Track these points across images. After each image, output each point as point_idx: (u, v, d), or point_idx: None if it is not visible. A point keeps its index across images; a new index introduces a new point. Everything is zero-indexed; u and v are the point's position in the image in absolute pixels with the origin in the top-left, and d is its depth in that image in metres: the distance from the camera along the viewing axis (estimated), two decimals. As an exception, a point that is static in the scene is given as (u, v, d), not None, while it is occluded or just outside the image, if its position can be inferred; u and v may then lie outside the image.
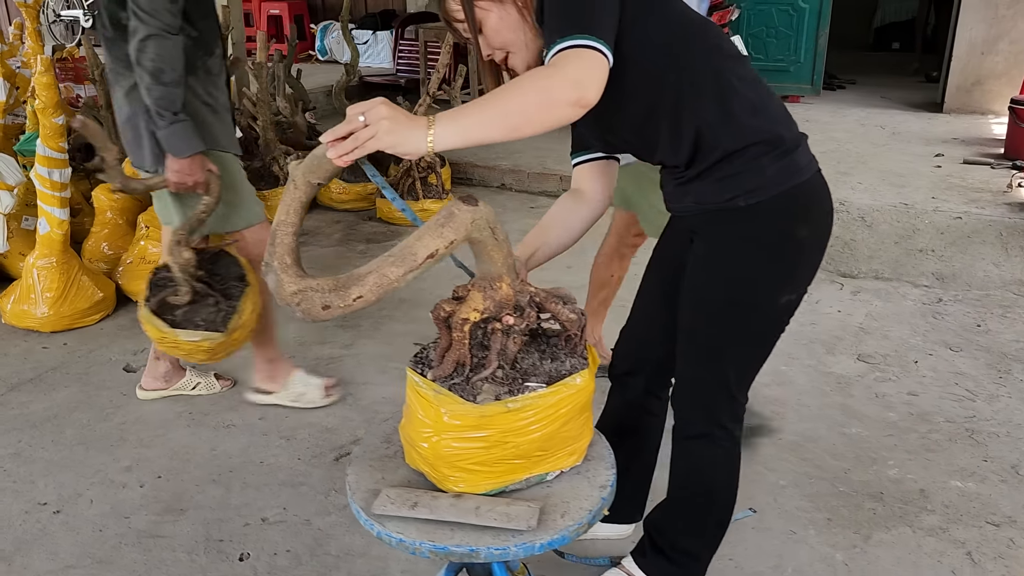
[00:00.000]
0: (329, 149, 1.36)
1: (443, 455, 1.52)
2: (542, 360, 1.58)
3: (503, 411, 1.48)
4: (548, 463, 1.57)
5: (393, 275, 1.36)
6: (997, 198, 4.60)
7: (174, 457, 2.68)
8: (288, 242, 1.49)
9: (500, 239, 1.48)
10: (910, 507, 2.39)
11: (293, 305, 1.41)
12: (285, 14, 8.72)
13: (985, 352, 3.27)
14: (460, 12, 1.53)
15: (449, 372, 1.53)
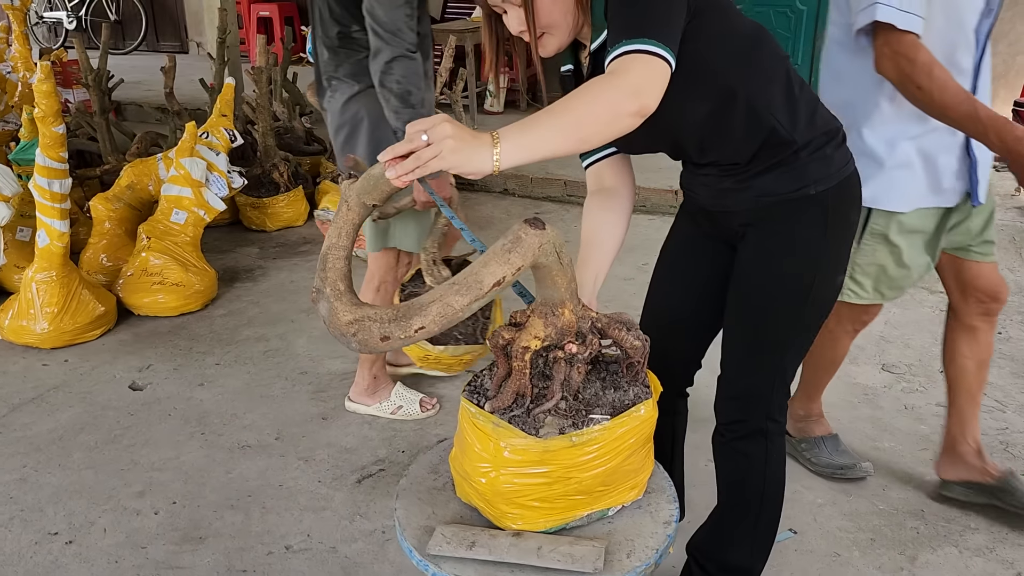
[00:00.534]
0: (388, 169, 1.27)
1: (502, 491, 1.44)
2: (604, 390, 1.51)
3: (567, 445, 1.40)
4: (610, 498, 1.50)
5: (458, 304, 1.27)
6: (1005, 202, 4.58)
7: (188, 481, 2.58)
8: (340, 267, 1.41)
9: (565, 263, 1.40)
10: (953, 525, 2.33)
11: (348, 335, 1.32)
12: (275, 16, 8.59)
13: (1009, 361, 3.22)
14: None
15: (509, 403, 1.45)
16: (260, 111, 4.67)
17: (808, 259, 1.62)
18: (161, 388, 3.13)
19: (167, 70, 4.76)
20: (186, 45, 10.33)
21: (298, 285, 4.05)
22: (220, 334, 3.56)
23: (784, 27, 7.02)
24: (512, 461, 1.41)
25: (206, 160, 3.99)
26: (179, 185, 3.86)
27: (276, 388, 3.11)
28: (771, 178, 1.58)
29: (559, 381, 1.44)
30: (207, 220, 3.94)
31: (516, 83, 7.22)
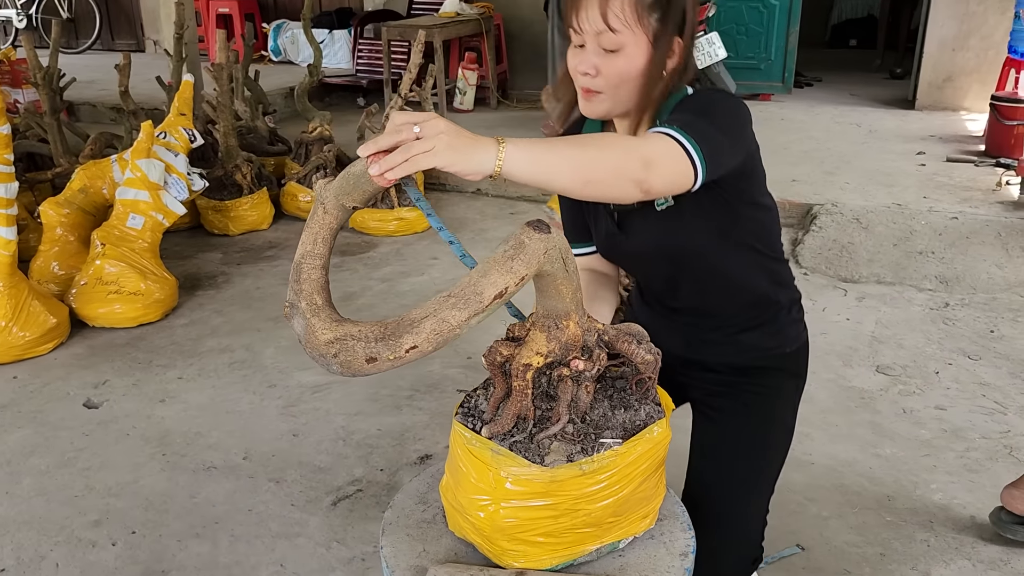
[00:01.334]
0: (371, 164, 1.11)
1: (502, 526, 1.28)
2: (613, 409, 1.35)
3: (577, 474, 1.25)
4: (621, 529, 1.34)
5: (455, 320, 1.11)
6: (988, 197, 4.52)
7: (149, 508, 2.39)
8: (317, 278, 1.24)
9: (570, 270, 1.25)
10: (964, 537, 2.22)
11: (328, 356, 1.16)
12: (235, 12, 8.34)
13: (1005, 360, 3.14)
14: (619, 20, 1.36)
15: (508, 427, 1.29)
16: (221, 110, 4.46)
17: (785, 408, 1.67)
18: (119, 405, 2.92)
19: (122, 68, 4.52)
20: (142, 43, 10.02)
21: (264, 292, 3.85)
22: (182, 346, 3.35)
23: (757, 22, 6.96)
24: (514, 493, 1.26)
25: (164, 161, 3.79)
26: (135, 188, 3.65)
27: (243, 403, 2.92)
28: (756, 335, 1.59)
29: (565, 402, 1.29)
30: (166, 225, 3.74)
31: (486, 80, 7.05)
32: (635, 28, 1.36)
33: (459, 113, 6.91)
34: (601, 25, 1.36)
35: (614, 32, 1.36)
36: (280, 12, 9.01)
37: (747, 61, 6.92)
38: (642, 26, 1.37)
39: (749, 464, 1.64)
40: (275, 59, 8.58)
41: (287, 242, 4.49)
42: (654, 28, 1.38)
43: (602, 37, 1.37)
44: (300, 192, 4.72)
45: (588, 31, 1.38)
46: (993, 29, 6.25)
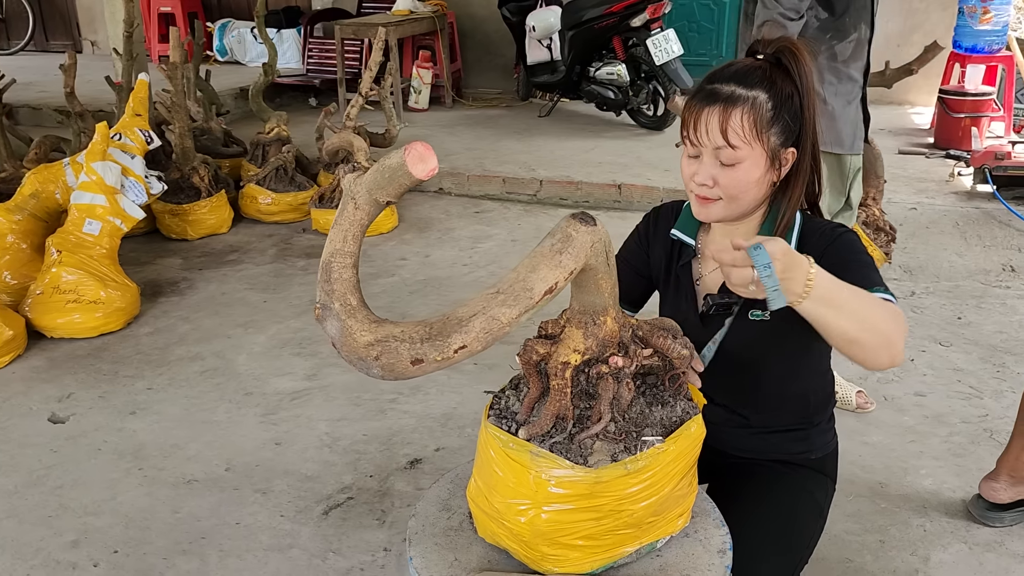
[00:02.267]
0: (408, 154, 1.08)
1: (543, 531, 1.24)
2: (650, 407, 1.32)
3: (622, 474, 1.21)
4: (659, 528, 1.32)
5: (505, 318, 1.07)
6: (942, 188, 4.64)
7: (130, 525, 2.28)
8: (349, 277, 1.18)
9: (611, 264, 1.21)
10: (958, 520, 2.26)
11: (369, 360, 1.10)
12: (178, 11, 8.10)
13: (974, 345, 3.21)
14: (738, 136, 1.38)
15: (548, 428, 1.25)
16: (176, 111, 4.31)
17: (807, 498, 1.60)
18: (86, 419, 2.79)
19: (67, 68, 4.34)
20: (79, 44, 9.66)
21: (231, 297, 3.73)
22: (148, 355, 3.22)
23: (707, 19, 7.04)
24: (557, 496, 1.22)
25: (120, 164, 3.65)
26: (91, 192, 3.50)
27: (219, 412, 2.82)
28: (784, 438, 1.59)
29: (607, 400, 1.25)
30: (124, 230, 3.60)
31: (440, 79, 6.98)
32: (754, 144, 1.39)
33: (415, 112, 6.83)
34: (721, 142, 1.39)
35: (734, 148, 1.38)
36: (224, 11, 8.79)
37: (699, 58, 6.99)
38: (760, 141, 1.40)
39: (771, 534, 1.51)
40: (221, 59, 8.37)
41: (249, 245, 4.37)
42: (772, 144, 1.41)
43: (721, 152, 1.40)
44: (260, 194, 4.60)
45: (707, 144, 1.40)
46: (936, 25, 6.42)
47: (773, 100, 1.40)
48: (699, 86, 1.45)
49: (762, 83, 1.40)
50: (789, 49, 1.43)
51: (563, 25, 6.03)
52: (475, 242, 4.38)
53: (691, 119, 1.41)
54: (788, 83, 1.42)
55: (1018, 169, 4.31)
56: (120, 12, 5.02)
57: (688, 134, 1.43)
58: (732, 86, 1.39)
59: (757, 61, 1.44)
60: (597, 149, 5.57)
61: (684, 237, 1.59)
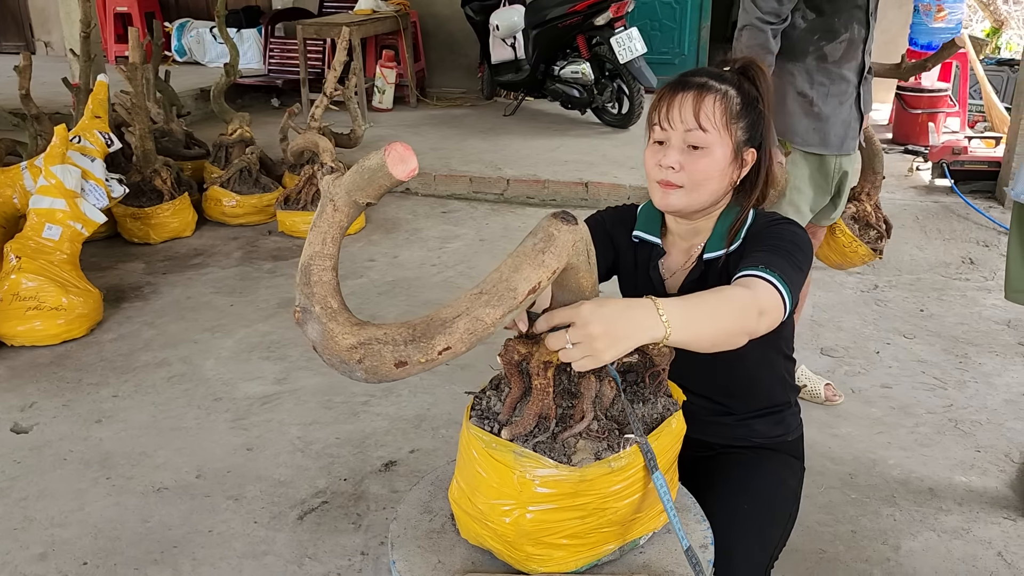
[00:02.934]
0: (388, 155, 1.07)
1: (528, 531, 1.24)
2: (634, 403, 1.33)
3: (606, 472, 1.22)
4: (642, 525, 1.32)
5: (490, 318, 1.07)
6: (902, 183, 4.73)
7: (99, 536, 2.23)
8: (329, 280, 1.17)
9: (592, 263, 1.22)
10: (926, 509, 2.30)
11: (351, 363, 1.09)
12: (135, 11, 7.95)
13: (937, 337, 3.28)
14: (709, 121, 1.43)
15: (531, 428, 1.25)
16: (136, 112, 4.23)
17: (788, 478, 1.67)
18: (50, 428, 2.73)
19: (22, 69, 4.24)
20: (32, 45, 9.44)
21: (196, 302, 3.68)
22: (113, 361, 3.16)
23: (669, 18, 7.09)
24: (542, 496, 1.22)
25: (80, 167, 3.57)
26: (51, 196, 3.42)
27: (188, 419, 2.78)
28: (764, 423, 1.64)
29: (589, 399, 1.25)
30: (85, 235, 3.53)
31: (404, 78, 6.95)
32: (722, 132, 1.44)
33: (379, 112, 6.79)
34: (693, 123, 1.43)
35: (704, 131, 1.43)
36: (182, 11, 8.65)
37: (661, 56, 7.04)
38: (728, 132, 1.45)
39: (750, 518, 1.53)
40: (180, 59, 8.24)
41: (214, 248, 4.31)
42: (738, 137, 1.47)
43: (691, 134, 1.44)
44: (224, 196, 4.54)
45: (677, 128, 1.44)
46: (892, 22, 6.53)
47: (741, 97, 1.47)
48: (671, 82, 1.50)
49: (731, 82, 1.47)
50: (754, 65, 1.52)
51: (527, 24, 6.03)
52: (443, 242, 4.37)
53: (663, 104, 1.46)
54: (753, 89, 1.50)
55: (975, 164, 4.41)
56: (76, 12, 4.93)
57: (659, 119, 1.47)
58: (704, 78, 1.46)
59: (726, 69, 1.53)
60: (563, 147, 5.59)
61: (649, 237, 1.62)
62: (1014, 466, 2.48)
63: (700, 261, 1.56)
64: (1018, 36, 6.84)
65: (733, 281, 1.38)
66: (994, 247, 3.97)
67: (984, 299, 3.61)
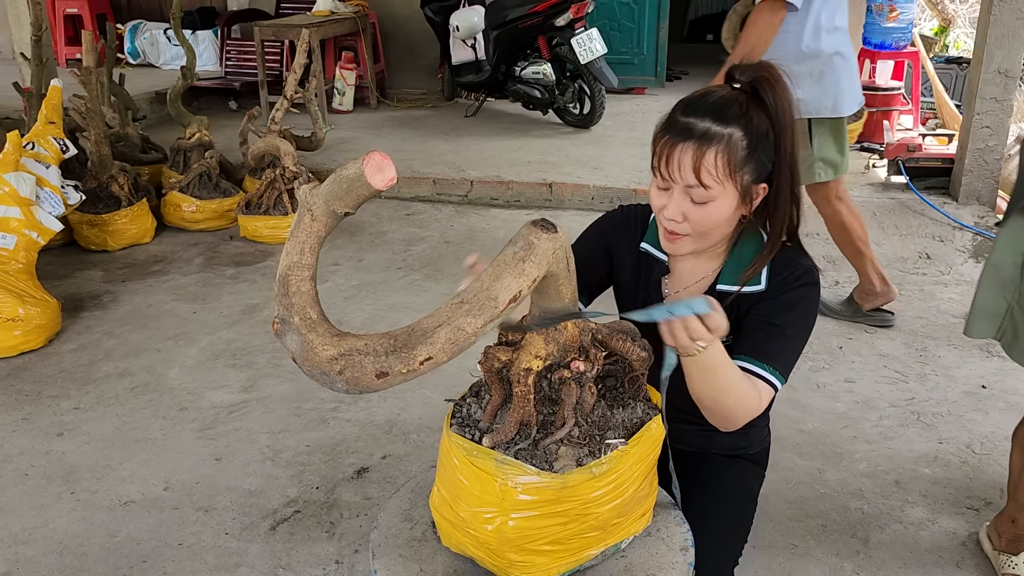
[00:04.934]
0: (366, 165, 1.08)
1: (511, 538, 1.24)
2: (612, 409, 1.33)
3: (587, 478, 1.22)
4: (623, 530, 1.33)
5: (471, 328, 1.06)
6: (858, 180, 4.81)
7: (65, 552, 2.18)
8: (307, 290, 1.16)
9: (571, 270, 1.22)
10: (892, 501, 2.35)
11: (332, 374, 1.08)
12: (85, 13, 7.77)
13: (897, 332, 3.35)
14: (711, 176, 1.36)
15: (512, 435, 1.25)
16: (91, 117, 4.14)
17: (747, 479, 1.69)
18: (9, 443, 2.66)
19: (-28, 73, 4.13)
20: (-23, 48, 9.20)
21: (158, 310, 3.61)
22: (73, 373, 3.09)
23: (628, 18, 7.14)
24: (524, 503, 1.22)
25: (34, 174, 3.49)
26: (4, 204, 3.34)
27: (154, 430, 2.73)
28: (730, 435, 1.55)
29: (570, 405, 1.26)
30: (41, 243, 3.44)
31: (364, 80, 6.90)
32: (726, 183, 1.37)
33: (339, 114, 6.73)
34: (693, 180, 1.36)
35: (706, 188, 1.36)
36: (135, 12, 8.49)
37: (621, 56, 7.08)
38: (733, 180, 1.37)
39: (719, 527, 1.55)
40: (133, 62, 8.08)
41: (174, 255, 4.23)
42: (744, 182, 1.39)
43: (693, 191, 1.37)
44: (183, 201, 4.46)
45: (678, 182, 1.38)
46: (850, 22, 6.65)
47: (748, 138, 1.37)
48: (673, 117, 1.40)
49: (738, 119, 1.36)
50: (767, 78, 1.39)
51: (487, 25, 6.03)
52: (408, 245, 4.34)
53: (664, 153, 1.38)
54: (764, 119, 1.38)
55: (929, 161, 4.50)
56: (24, 15, 4.81)
57: (660, 168, 1.39)
58: (708, 122, 1.36)
59: (734, 92, 1.40)
60: (525, 148, 5.59)
61: (656, 252, 1.58)
62: (975, 457, 2.54)
63: (713, 291, 1.51)
64: (965, 34, 7.01)
65: (741, 355, 1.41)
66: (949, 242, 4.07)
67: (941, 293, 3.69)
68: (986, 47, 4.05)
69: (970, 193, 4.26)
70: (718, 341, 1.29)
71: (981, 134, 4.18)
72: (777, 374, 1.41)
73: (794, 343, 1.45)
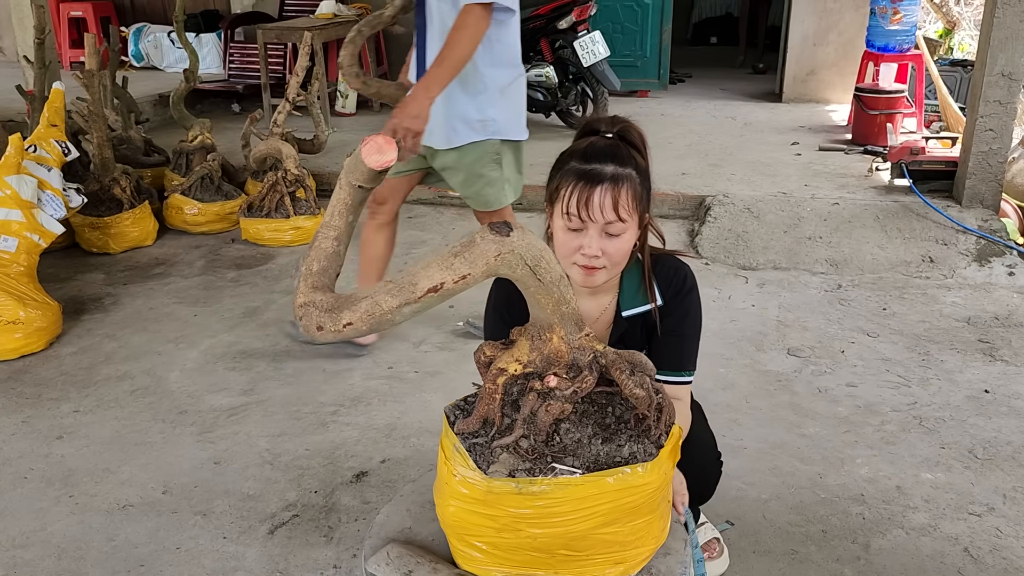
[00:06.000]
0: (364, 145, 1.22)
1: (451, 524, 1.31)
2: (594, 438, 1.31)
3: (512, 491, 1.21)
4: (582, 567, 1.29)
5: (386, 305, 1.10)
6: (862, 183, 4.80)
7: (63, 556, 2.18)
8: (326, 247, 1.22)
9: (546, 280, 1.21)
10: (894, 507, 2.33)
11: (297, 319, 1.20)
12: (90, 16, 7.81)
13: (900, 335, 3.33)
14: (625, 210, 1.56)
15: (475, 428, 1.25)
16: (93, 120, 4.15)
17: None
18: (9, 446, 2.66)
19: (-25, 76, 4.14)
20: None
21: (159, 312, 3.61)
22: (73, 376, 3.09)
23: (631, 21, 7.14)
24: (460, 494, 1.25)
25: (36, 177, 3.50)
26: (6, 207, 3.34)
27: (153, 433, 2.73)
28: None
29: (522, 416, 1.26)
30: (43, 246, 3.45)
31: (367, 83, 6.89)
32: (633, 215, 1.59)
33: (342, 117, 6.73)
34: (612, 216, 1.56)
35: (623, 221, 1.57)
36: (139, 15, 8.52)
37: (624, 59, 7.09)
38: (637, 212, 1.60)
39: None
40: (137, 65, 8.11)
41: (176, 258, 4.24)
42: (641, 211, 1.62)
43: (611, 226, 1.57)
44: (185, 204, 4.47)
45: (598, 220, 1.55)
46: (849, 24, 6.65)
47: (639, 175, 1.61)
48: (574, 167, 1.57)
49: (629, 161, 1.59)
50: (630, 126, 1.65)
51: (490, 28, 6.02)
52: (409, 248, 4.34)
53: (581, 198, 1.54)
54: (641, 158, 1.63)
55: (933, 164, 4.48)
56: (29, 18, 4.83)
57: (578, 211, 1.55)
58: (611, 166, 1.56)
59: (611, 139, 1.62)
60: (528, 151, 5.56)
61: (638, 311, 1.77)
62: (978, 462, 2.52)
63: (620, 319, 1.75)
64: (970, 37, 6.99)
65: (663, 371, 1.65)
66: (952, 245, 4.05)
67: (944, 297, 3.68)
68: (990, 50, 4.03)
69: (974, 196, 4.24)
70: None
71: (985, 137, 4.16)
72: (691, 372, 1.76)
73: (696, 339, 1.78)
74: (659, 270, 1.75)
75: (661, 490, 1.30)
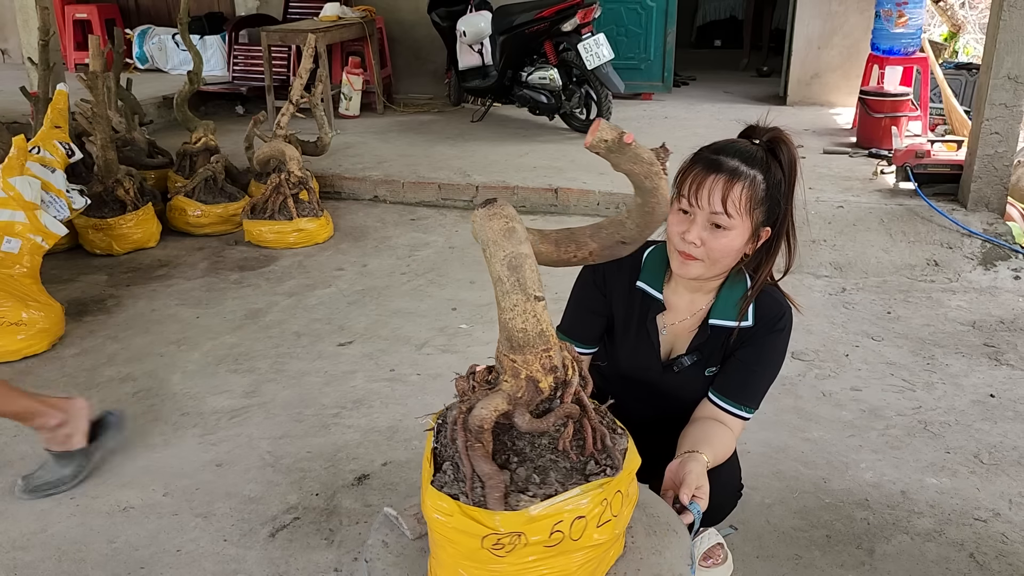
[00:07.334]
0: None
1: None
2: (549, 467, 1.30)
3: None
4: None
5: None
6: (866, 186, 4.78)
7: (63, 558, 2.17)
8: None
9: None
10: (898, 512, 2.32)
11: None
12: (95, 18, 7.82)
13: (904, 339, 3.32)
14: (735, 207, 1.55)
15: None
16: (97, 121, 4.14)
17: None
18: (10, 448, 2.66)
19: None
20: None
21: (161, 314, 3.61)
22: (75, 377, 3.09)
23: (635, 23, 7.13)
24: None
25: (40, 179, 3.50)
26: (9, 209, 3.34)
27: (154, 435, 2.72)
28: None
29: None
30: (46, 247, 3.45)
31: (371, 85, 6.90)
32: (744, 217, 1.57)
33: (346, 119, 6.73)
34: (720, 208, 1.55)
35: (729, 217, 1.56)
36: (143, 17, 8.53)
37: (628, 61, 7.07)
38: (750, 216, 1.58)
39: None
40: (142, 67, 8.12)
41: (179, 259, 4.24)
42: (756, 220, 1.60)
43: (717, 217, 1.56)
44: (189, 206, 4.46)
45: (704, 208, 1.56)
46: (854, 27, 6.64)
47: (766, 184, 1.58)
48: (703, 155, 1.60)
49: (760, 166, 1.58)
50: (782, 138, 1.62)
51: (494, 30, 6.02)
52: (412, 250, 4.33)
53: (694, 183, 1.56)
54: (779, 171, 1.61)
55: (938, 167, 4.46)
56: (34, 20, 4.83)
57: (687, 195, 1.57)
58: (736, 161, 1.56)
59: (755, 145, 1.61)
60: (531, 153, 5.58)
61: (651, 290, 1.76)
62: (983, 467, 2.51)
63: (705, 325, 1.73)
64: (975, 40, 6.97)
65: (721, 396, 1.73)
66: (957, 249, 4.03)
67: (949, 300, 3.66)
68: (995, 53, 4.01)
69: (979, 199, 4.22)
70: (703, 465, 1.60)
71: (990, 140, 4.15)
72: (750, 410, 1.74)
73: (767, 380, 1.75)
74: (762, 297, 1.72)
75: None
